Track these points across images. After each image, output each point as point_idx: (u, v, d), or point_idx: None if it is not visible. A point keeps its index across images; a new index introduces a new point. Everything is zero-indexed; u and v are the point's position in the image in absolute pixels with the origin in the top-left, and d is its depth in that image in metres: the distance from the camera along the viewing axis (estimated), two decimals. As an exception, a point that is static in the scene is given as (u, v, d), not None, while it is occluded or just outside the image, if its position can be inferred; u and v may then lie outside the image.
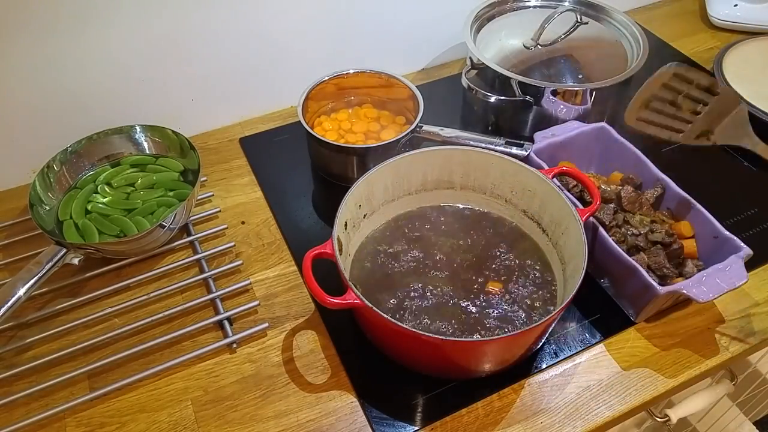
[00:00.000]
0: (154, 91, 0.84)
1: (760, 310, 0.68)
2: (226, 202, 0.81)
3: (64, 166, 0.77)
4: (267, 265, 0.74)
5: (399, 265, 0.67)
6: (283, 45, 0.89)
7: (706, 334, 0.66)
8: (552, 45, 0.89)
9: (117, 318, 0.68)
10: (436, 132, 0.79)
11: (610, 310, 0.68)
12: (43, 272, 0.64)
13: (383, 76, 0.85)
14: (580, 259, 0.59)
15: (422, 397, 0.61)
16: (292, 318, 0.68)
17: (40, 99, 0.78)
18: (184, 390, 0.62)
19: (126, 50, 0.79)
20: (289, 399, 0.61)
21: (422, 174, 0.71)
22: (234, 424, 0.60)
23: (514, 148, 0.74)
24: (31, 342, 0.65)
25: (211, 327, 0.67)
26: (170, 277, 0.72)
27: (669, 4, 1.18)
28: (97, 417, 0.60)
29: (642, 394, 0.61)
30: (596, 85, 0.81)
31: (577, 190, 0.73)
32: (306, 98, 0.81)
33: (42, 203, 0.73)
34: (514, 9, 0.96)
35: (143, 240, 0.70)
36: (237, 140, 0.91)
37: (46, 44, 0.74)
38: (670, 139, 0.73)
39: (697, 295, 0.59)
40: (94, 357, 0.64)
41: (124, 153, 0.81)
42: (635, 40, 0.89)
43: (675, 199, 0.69)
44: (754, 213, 0.77)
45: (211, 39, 0.83)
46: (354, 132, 0.84)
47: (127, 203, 0.75)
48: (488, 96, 0.84)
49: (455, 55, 1.04)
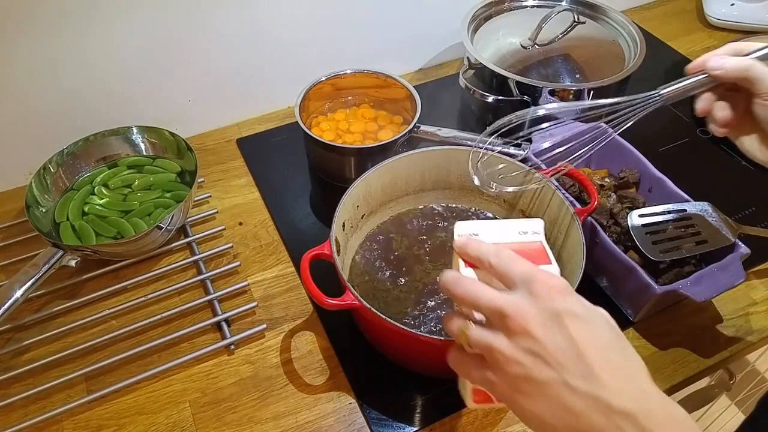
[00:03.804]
0: (151, 92, 0.84)
1: (758, 309, 0.68)
2: (223, 203, 0.81)
3: (60, 168, 0.76)
4: (265, 266, 0.74)
5: (398, 266, 0.67)
6: (280, 45, 0.88)
7: (705, 333, 0.66)
8: (549, 45, 0.89)
9: (114, 320, 0.68)
10: (433, 132, 0.79)
11: (609, 309, 0.66)
12: (40, 274, 0.63)
13: (381, 76, 0.85)
14: (578, 258, 0.59)
15: (421, 397, 0.61)
16: (291, 319, 0.68)
17: (36, 100, 0.77)
18: (182, 392, 0.62)
19: (123, 51, 0.78)
20: (288, 400, 0.61)
21: (420, 174, 0.71)
22: (232, 425, 0.59)
23: (512, 148, 0.74)
24: (29, 344, 0.65)
25: (209, 328, 0.67)
26: (168, 279, 0.72)
27: (666, 4, 1.18)
28: (95, 419, 0.60)
29: (641, 394, 0.61)
30: (594, 84, 0.82)
31: (575, 189, 0.73)
32: (303, 99, 0.81)
33: (38, 205, 0.73)
34: (512, 9, 0.96)
35: (140, 241, 0.69)
36: (234, 141, 0.90)
37: (42, 46, 0.73)
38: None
39: (695, 294, 0.59)
40: (92, 359, 0.64)
41: (121, 154, 0.80)
42: (632, 40, 0.89)
43: (672, 198, 0.69)
44: (752, 212, 0.77)
45: (208, 40, 0.83)
46: (351, 132, 0.83)
47: (124, 205, 0.75)
48: (486, 96, 0.84)
49: (453, 55, 1.04)
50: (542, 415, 0.35)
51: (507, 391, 0.37)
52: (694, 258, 0.66)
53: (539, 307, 0.37)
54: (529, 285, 0.38)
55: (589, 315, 0.37)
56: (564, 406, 0.35)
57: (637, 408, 0.33)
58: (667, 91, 0.55)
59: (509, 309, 0.37)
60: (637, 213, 0.66)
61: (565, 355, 0.35)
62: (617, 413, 0.33)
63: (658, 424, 0.33)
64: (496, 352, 0.37)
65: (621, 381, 0.34)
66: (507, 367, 0.36)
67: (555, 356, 0.35)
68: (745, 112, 0.53)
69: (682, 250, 0.64)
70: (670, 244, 0.64)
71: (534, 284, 0.37)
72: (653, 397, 0.35)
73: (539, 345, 0.35)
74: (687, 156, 0.85)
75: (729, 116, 0.52)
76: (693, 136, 0.89)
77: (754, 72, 0.49)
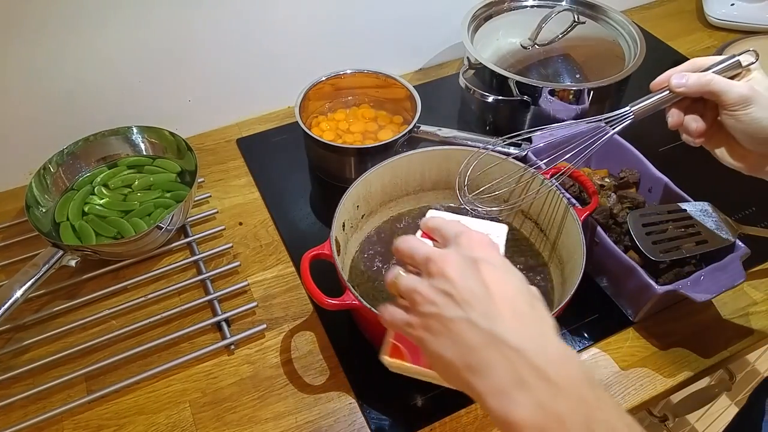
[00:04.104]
0: (151, 92, 0.84)
1: (758, 309, 0.68)
2: (223, 203, 0.81)
3: (60, 168, 0.76)
4: (265, 266, 0.74)
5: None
6: (280, 45, 0.88)
7: (705, 334, 0.66)
8: (549, 44, 0.89)
9: (114, 320, 0.68)
10: (433, 132, 0.79)
11: (609, 309, 0.68)
12: (40, 274, 0.63)
13: (381, 76, 0.85)
14: (578, 258, 0.59)
15: (421, 397, 0.61)
16: (291, 319, 0.68)
17: (36, 100, 0.77)
18: (182, 392, 0.62)
19: (123, 51, 0.78)
20: (288, 400, 0.61)
21: (420, 174, 0.71)
22: (232, 425, 0.59)
23: (512, 148, 0.74)
24: (29, 344, 0.65)
25: (209, 328, 0.67)
26: (168, 279, 0.72)
27: (666, 4, 1.18)
28: (95, 419, 0.60)
29: (641, 394, 0.61)
30: (594, 84, 0.81)
31: (575, 189, 0.73)
32: (303, 98, 0.81)
33: (38, 205, 0.73)
34: (512, 9, 0.96)
35: (140, 241, 0.69)
36: (234, 141, 0.90)
37: (42, 45, 0.73)
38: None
39: (695, 294, 0.59)
40: (92, 359, 0.64)
41: (121, 154, 0.80)
42: (632, 40, 0.89)
43: (672, 198, 0.69)
44: (752, 212, 0.77)
45: (208, 40, 0.83)
46: (351, 132, 0.83)
47: (124, 205, 0.75)
48: (486, 96, 0.84)
49: (453, 55, 1.04)
50: (444, 352, 0.37)
51: (420, 331, 0.39)
52: (694, 258, 0.66)
53: (461, 254, 0.39)
54: (457, 239, 0.41)
55: (505, 266, 0.40)
56: (463, 342, 0.36)
57: (532, 347, 0.35)
58: (636, 108, 0.57)
59: (434, 255, 0.40)
60: (637, 213, 0.66)
61: (474, 296, 0.37)
62: (511, 348, 0.35)
63: (550, 362, 0.34)
64: (416, 293, 0.39)
65: (521, 324, 0.36)
66: (422, 308, 0.39)
67: (465, 296, 0.37)
68: (714, 121, 0.54)
69: (682, 250, 0.64)
70: (670, 244, 0.64)
71: (461, 237, 0.41)
72: (551, 340, 0.36)
73: (453, 286, 0.38)
74: (687, 156, 0.85)
75: (702, 127, 0.54)
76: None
77: (715, 86, 0.51)
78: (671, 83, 0.54)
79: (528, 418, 0.33)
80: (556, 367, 0.34)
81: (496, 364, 0.35)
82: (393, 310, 0.41)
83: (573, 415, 0.33)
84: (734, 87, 0.51)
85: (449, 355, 0.37)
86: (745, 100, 0.50)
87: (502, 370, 0.34)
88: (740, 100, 0.51)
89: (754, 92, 0.51)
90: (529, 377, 0.34)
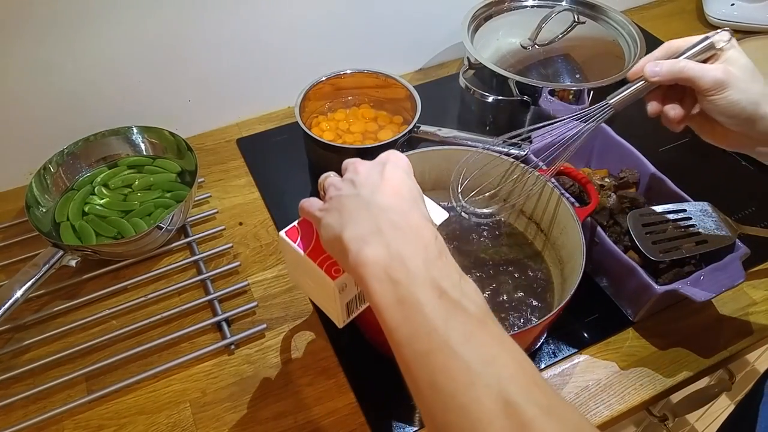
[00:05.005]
0: (151, 92, 0.84)
1: (758, 309, 0.68)
2: (223, 203, 0.81)
3: (60, 168, 0.76)
4: (265, 266, 0.74)
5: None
6: (280, 45, 0.88)
7: (704, 334, 0.66)
8: (549, 45, 0.89)
9: (115, 320, 0.68)
10: (433, 132, 0.79)
11: (609, 309, 0.68)
12: (40, 274, 0.63)
13: (381, 76, 0.85)
14: (578, 258, 0.59)
15: (421, 397, 0.61)
16: (291, 319, 0.68)
17: (36, 100, 0.77)
18: (182, 392, 0.62)
19: (123, 51, 0.78)
20: (288, 400, 0.61)
21: (420, 174, 0.71)
22: (232, 425, 0.59)
23: (512, 148, 0.74)
24: (29, 344, 0.65)
25: (210, 328, 0.67)
26: (168, 279, 0.72)
27: (666, 4, 1.18)
28: (96, 419, 0.60)
29: (640, 394, 0.61)
30: (594, 84, 0.82)
31: (575, 189, 0.73)
32: (303, 98, 0.81)
33: (39, 205, 0.73)
34: (512, 9, 0.96)
35: (141, 241, 0.69)
36: (234, 141, 0.90)
37: (42, 45, 0.73)
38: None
39: (695, 295, 0.59)
40: (92, 359, 0.64)
41: (121, 154, 0.80)
42: (632, 40, 0.89)
43: (672, 198, 0.69)
44: (752, 212, 0.77)
45: (208, 40, 0.83)
46: (351, 132, 0.83)
47: (124, 205, 0.75)
48: (486, 96, 0.84)
49: (453, 55, 1.04)
50: (331, 221, 0.43)
51: (322, 213, 0.44)
52: (694, 258, 0.67)
53: (375, 161, 0.46)
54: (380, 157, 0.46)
55: (409, 171, 0.45)
56: (347, 210, 0.42)
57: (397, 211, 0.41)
58: (615, 101, 0.57)
59: (355, 160, 0.47)
60: (636, 213, 0.66)
61: (370, 182, 0.43)
62: (380, 209, 0.41)
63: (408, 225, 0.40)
64: (331, 186, 0.46)
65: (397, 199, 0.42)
66: (330, 192, 0.45)
67: (362, 182, 0.43)
68: (694, 103, 0.54)
69: (682, 250, 0.64)
70: (670, 244, 0.64)
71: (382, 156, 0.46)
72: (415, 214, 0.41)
73: (357, 176, 0.44)
74: (687, 156, 0.85)
75: (680, 114, 0.54)
76: (693, 136, 0.88)
77: (688, 72, 0.51)
78: (645, 72, 0.53)
79: (377, 256, 0.38)
80: (412, 228, 0.40)
81: (364, 219, 0.41)
82: (311, 200, 0.48)
83: (415, 258, 0.38)
84: (708, 72, 0.50)
85: (333, 221, 0.42)
86: (719, 85, 0.50)
87: (367, 222, 0.40)
88: (715, 85, 0.50)
89: (729, 75, 0.50)
90: (385, 227, 0.40)
